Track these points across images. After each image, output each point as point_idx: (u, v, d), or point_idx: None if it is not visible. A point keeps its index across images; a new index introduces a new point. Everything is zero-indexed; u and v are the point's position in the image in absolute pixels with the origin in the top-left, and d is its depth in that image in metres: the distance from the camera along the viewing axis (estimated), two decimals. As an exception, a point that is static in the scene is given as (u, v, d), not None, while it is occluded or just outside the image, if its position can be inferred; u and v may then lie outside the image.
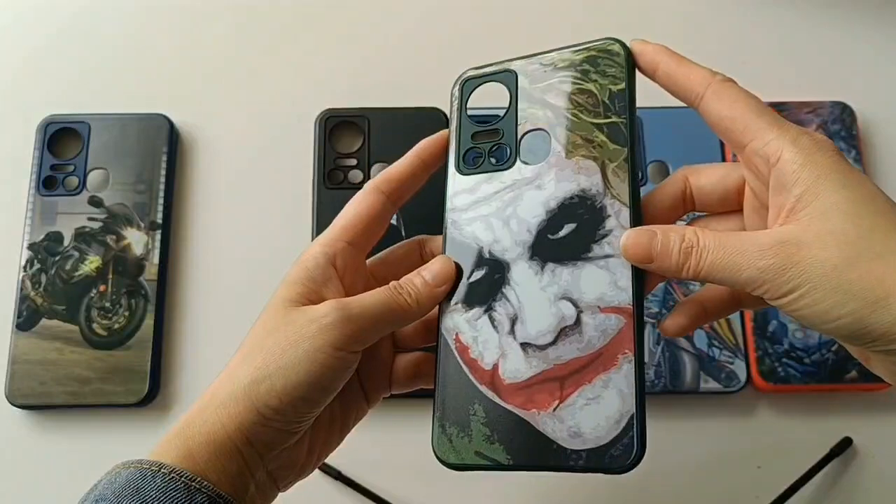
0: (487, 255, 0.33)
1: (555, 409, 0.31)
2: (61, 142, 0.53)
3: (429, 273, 0.33)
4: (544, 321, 0.32)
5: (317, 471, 0.48)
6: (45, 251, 0.51)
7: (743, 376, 0.48)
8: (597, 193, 0.32)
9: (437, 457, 0.32)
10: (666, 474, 0.48)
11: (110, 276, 0.50)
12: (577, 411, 0.31)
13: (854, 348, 0.31)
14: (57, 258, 0.50)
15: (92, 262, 0.50)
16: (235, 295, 0.51)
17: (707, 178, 0.34)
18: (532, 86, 0.34)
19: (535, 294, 0.32)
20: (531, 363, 0.32)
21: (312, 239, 0.51)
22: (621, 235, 0.31)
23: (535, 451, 0.31)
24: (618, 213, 0.32)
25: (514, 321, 0.32)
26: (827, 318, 0.27)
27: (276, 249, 0.52)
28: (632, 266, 0.31)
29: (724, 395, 0.49)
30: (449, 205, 0.35)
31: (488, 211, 0.34)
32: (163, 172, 0.52)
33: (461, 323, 0.33)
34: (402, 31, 0.58)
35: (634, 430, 0.30)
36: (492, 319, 0.33)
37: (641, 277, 0.31)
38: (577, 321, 0.31)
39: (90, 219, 0.51)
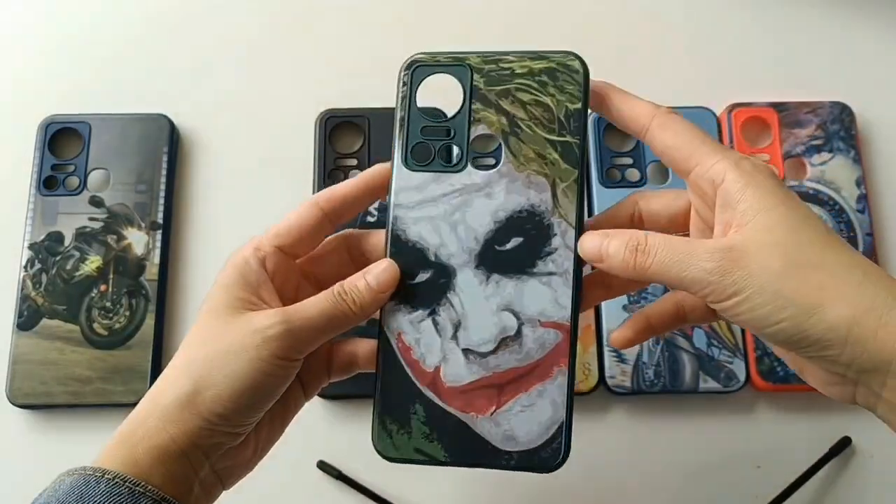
0: (433, 259, 0.34)
1: (492, 414, 0.33)
2: (62, 142, 0.54)
3: (373, 278, 0.33)
4: (487, 330, 0.33)
5: (317, 471, 0.48)
6: (45, 251, 0.51)
7: (742, 376, 0.48)
8: (545, 211, 0.33)
9: (377, 450, 0.34)
10: (665, 474, 0.49)
11: (111, 275, 0.50)
12: (513, 417, 0.33)
13: (789, 357, 0.33)
14: (58, 258, 0.50)
15: (93, 262, 0.51)
16: (236, 295, 0.51)
17: (656, 202, 0.35)
18: (487, 87, 0.34)
19: (479, 303, 0.33)
20: (472, 369, 0.33)
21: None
22: (565, 255, 0.33)
23: (471, 451, 0.33)
24: (564, 233, 0.33)
25: (457, 327, 0.34)
26: (767, 322, 0.29)
27: (276, 249, 0.52)
28: (572, 285, 0.33)
29: (723, 395, 0.49)
30: (394, 199, 0.34)
31: (436, 213, 0.34)
32: (163, 172, 0.53)
33: (404, 324, 0.34)
34: (402, 32, 0.58)
35: (563, 435, 0.33)
36: (435, 323, 0.34)
37: (579, 296, 0.33)
38: (518, 333, 0.33)
39: (91, 219, 0.51)
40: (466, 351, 0.33)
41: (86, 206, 0.52)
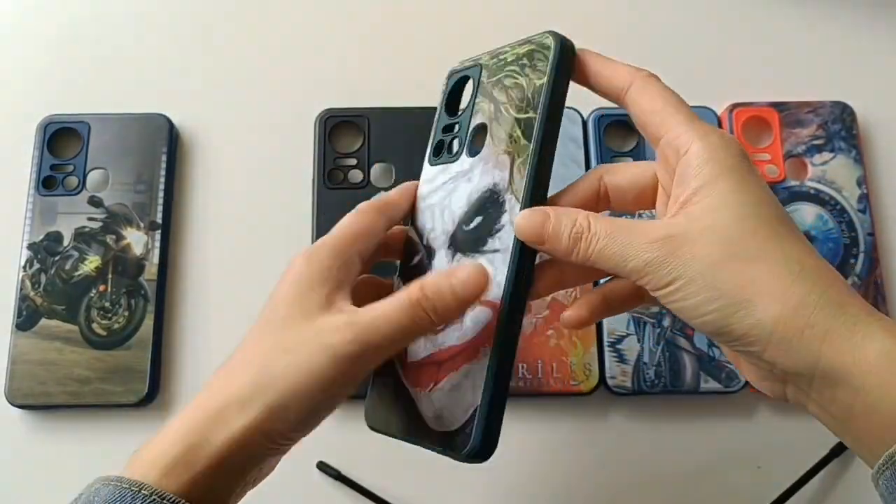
0: (425, 242, 0.35)
1: (430, 391, 0.33)
2: (61, 142, 0.53)
3: (461, 284, 0.30)
4: None
5: (316, 471, 0.48)
6: (44, 251, 0.51)
7: (743, 376, 0.48)
8: (502, 189, 0.33)
9: (365, 418, 0.36)
10: (666, 474, 0.48)
11: (110, 275, 0.50)
12: (443, 395, 0.32)
13: (725, 349, 0.33)
14: (57, 258, 0.50)
15: (92, 262, 0.50)
16: (235, 295, 0.51)
17: (622, 176, 0.34)
18: (487, 80, 0.35)
19: None
20: (426, 345, 0.34)
21: (312, 239, 0.51)
22: (509, 232, 0.32)
23: (413, 428, 0.33)
24: (511, 209, 0.32)
25: None
26: (696, 312, 0.28)
27: (275, 249, 0.52)
28: (515, 262, 0.31)
29: (724, 395, 0.49)
30: (418, 192, 0.37)
31: (435, 200, 0.36)
32: (163, 172, 0.52)
33: None
34: (403, 31, 0.58)
35: (476, 422, 0.31)
36: None
37: (524, 274, 0.32)
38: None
39: (90, 219, 0.51)
40: None
41: (85, 206, 0.51)
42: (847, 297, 0.28)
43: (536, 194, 0.32)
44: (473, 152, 0.35)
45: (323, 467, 0.48)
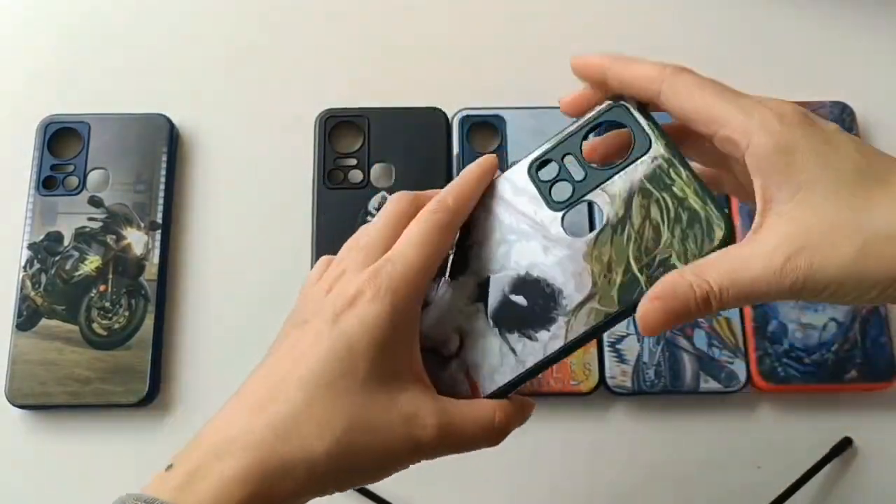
0: (466, 245, 0.34)
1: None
2: (61, 142, 0.53)
3: (525, 420, 0.33)
4: (434, 330, 0.33)
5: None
6: (45, 251, 0.51)
7: (743, 376, 0.48)
8: (561, 307, 0.32)
9: None
10: (666, 474, 0.48)
11: (110, 275, 0.50)
12: None
13: None
14: (57, 258, 0.50)
15: (92, 262, 0.50)
16: (235, 294, 0.51)
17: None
18: (645, 172, 0.31)
19: (452, 307, 0.34)
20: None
21: (312, 239, 0.51)
22: (535, 351, 0.32)
23: None
24: (553, 337, 0.32)
25: (426, 305, 0.33)
26: (859, 302, 0.28)
27: (276, 249, 0.52)
28: (515, 376, 0.32)
29: (724, 395, 0.49)
30: (498, 184, 0.34)
31: (505, 219, 0.34)
32: (163, 172, 0.52)
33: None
34: (403, 31, 0.58)
35: None
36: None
37: (512, 388, 0.32)
38: (447, 360, 0.33)
39: (90, 219, 0.51)
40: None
41: (85, 206, 0.51)
42: None
43: (578, 345, 0.32)
44: (570, 227, 0.32)
45: (323, 467, 0.48)
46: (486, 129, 0.54)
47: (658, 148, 0.31)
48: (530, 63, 0.56)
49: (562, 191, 0.33)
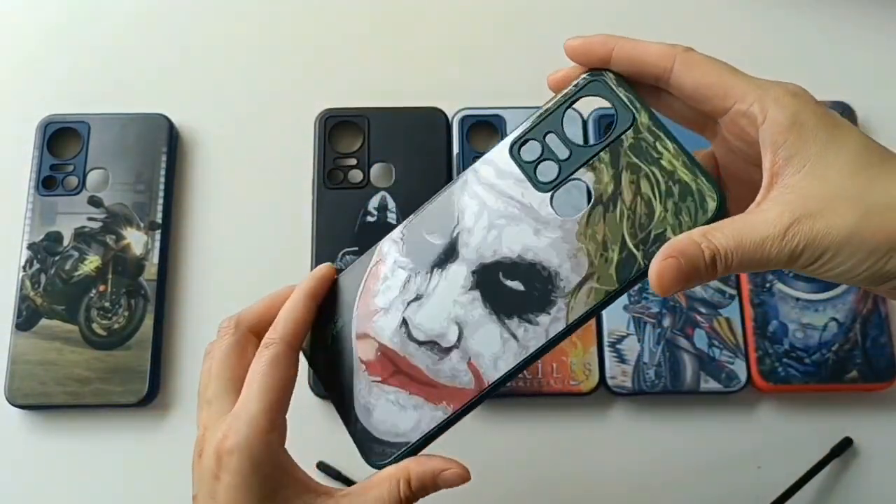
0: (453, 233, 0.33)
1: (374, 381, 0.34)
2: (61, 142, 0.53)
3: (446, 484, 0.32)
4: (431, 322, 0.33)
5: (317, 471, 0.48)
6: (44, 251, 0.51)
7: (743, 376, 0.48)
8: (560, 289, 0.32)
9: (310, 359, 0.36)
10: (666, 474, 0.48)
11: (110, 275, 0.50)
12: (383, 397, 0.33)
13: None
14: (56, 258, 0.50)
15: (91, 262, 0.50)
16: (235, 295, 0.51)
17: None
18: (629, 148, 0.31)
19: (447, 298, 0.33)
20: (396, 335, 0.34)
21: (312, 239, 0.51)
22: (538, 336, 0.31)
23: (341, 395, 0.34)
24: (554, 319, 0.31)
25: (418, 297, 0.34)
26: (850, 275, 0.28)
27: (275, 249, 0.52)
28: (519, 360, 0.32)
29: (724, 395, 0.49)
30: (478, 165, 0.33)
31: (491, 203, 0.33)
32: (163, 172, 0.52)
33: (390, 256, 0.35)
34: (403, 31, 0.58)
35: (398, 453, 0.33)
36: (408, 279, 0.34)
37: (517, 371, 0.32)
38: (447, 350, 0.33)
39: (90, 219, 0.51)
40: (405, 320, 0.34)
41: (85, 206, 0.51)
42: None
43: (580, 325, 0.31)
44: (564, 208, 0.32)
45: (323, 467, 0.48)
46: (486, 129, 0.54)
47: (642, 120, 0.31)
48: (530, 63, 0.56)
49: (547, 170, 0.32)
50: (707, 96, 0.30)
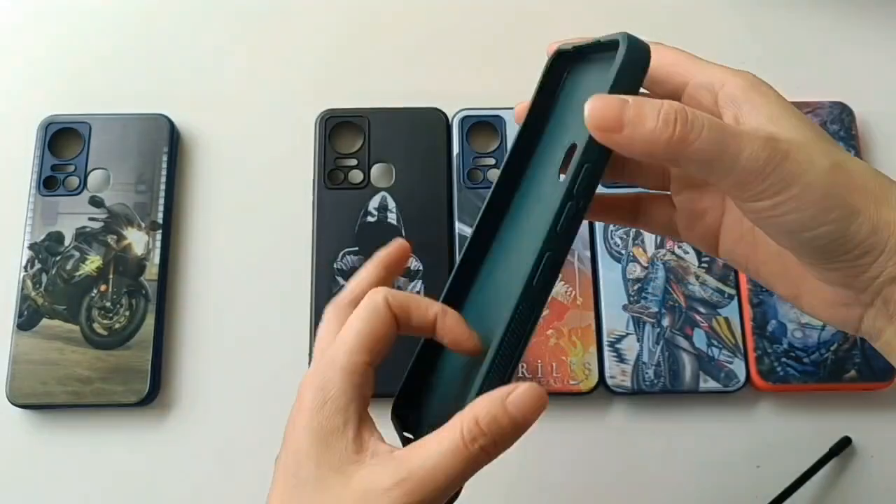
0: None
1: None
2: (62, 142, 0.53)
3: (518, 410, 0.27)
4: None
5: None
6: (45, 251, 0.51)
7: (742, 376, 0.48)
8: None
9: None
10: (665, 474, 0.49)
11: (111, 275, 0.50)
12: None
13: (788, 283, 0.31)
14: (58, 258, 0.50)
15: (93, 262, 0.51)
16: (236, 295, 0.52)
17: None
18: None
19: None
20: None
21: (312, 240, 0.51)
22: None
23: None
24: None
25: None
26: (811, 223, 0.26)
27: (276, 249, 0.52)
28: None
29: (723, 395, 0.49)
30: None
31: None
32: (163, 172, 0.53)
33: None
34: (403, 32, 0.58)
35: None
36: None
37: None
38: None
39: (91, 219, 0.51)
40: None
41: (86, 206, 0.52)
42: None
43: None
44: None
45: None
46: (485, 129, 0.54)
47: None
48: (530, 63, 0.56)
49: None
50: (669, 74, 0.31)
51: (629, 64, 0.27)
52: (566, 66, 0.34)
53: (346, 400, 0.28)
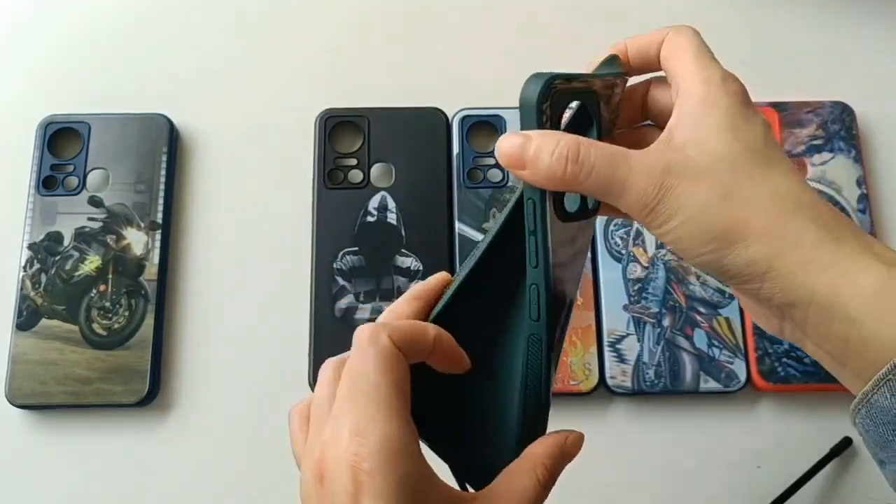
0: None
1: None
2: (61, 142, 0.53)
3: (574, 451, 0.31)
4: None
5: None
6: (45, 251, 0.51)
7: (743, 376, 0.48)
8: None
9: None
10: (665, 474, 0.48)
11: (110, 275, 0.50)
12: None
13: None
14: (57, 258, 0.50)
15: (92, 262, 0.50)
16: (235, 294, 0.51)
17: (665, 94, 0.33)
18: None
19: None
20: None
21: (312, 239, 0.51)
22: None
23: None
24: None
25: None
26: (692, 252, 0.29)
27: (275, 249, 0.52)
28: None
29: (723, 395, 0.49)
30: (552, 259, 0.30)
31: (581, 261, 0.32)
32: (163, 172, 0.52)
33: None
34: (403, 32, 0.58)
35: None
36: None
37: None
38: None
39: (90, 219, 0.51)
40: None
41: (85, 206, 0.51)
42: (843, 231, 0.28)
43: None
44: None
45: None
46: (485, 129, 0.54)
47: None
48: (529, 63, 0.56)
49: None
50: (664, 69, 0.33)
51: (523, 102, 0.29)
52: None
53: (424, 479, 0.28)
